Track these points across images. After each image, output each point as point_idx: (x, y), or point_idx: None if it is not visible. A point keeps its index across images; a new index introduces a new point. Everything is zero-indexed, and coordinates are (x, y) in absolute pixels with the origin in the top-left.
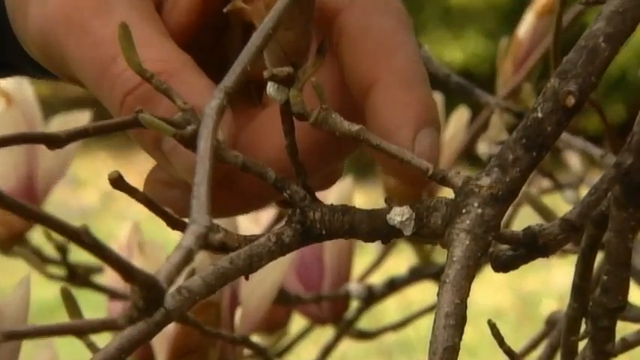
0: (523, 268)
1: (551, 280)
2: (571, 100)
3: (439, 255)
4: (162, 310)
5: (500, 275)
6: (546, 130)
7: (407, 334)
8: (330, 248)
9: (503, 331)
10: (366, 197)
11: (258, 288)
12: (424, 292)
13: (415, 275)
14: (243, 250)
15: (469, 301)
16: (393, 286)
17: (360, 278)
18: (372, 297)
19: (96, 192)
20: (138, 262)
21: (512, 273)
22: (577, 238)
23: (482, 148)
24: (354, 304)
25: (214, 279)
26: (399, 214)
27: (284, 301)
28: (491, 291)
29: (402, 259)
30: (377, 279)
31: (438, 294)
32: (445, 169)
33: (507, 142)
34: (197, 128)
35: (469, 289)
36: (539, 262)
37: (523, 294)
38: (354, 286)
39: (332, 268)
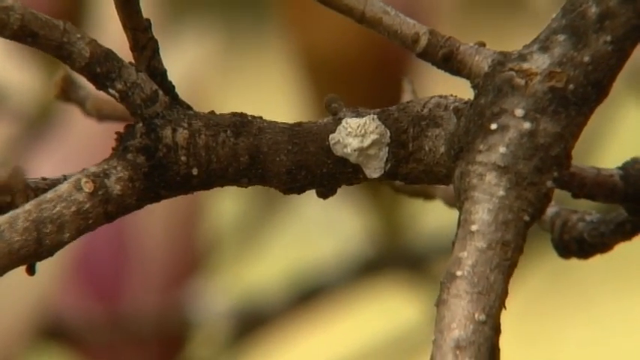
0: None
1: None
2: None
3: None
4: None
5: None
6: None
7: None
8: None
9: None
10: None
11: None
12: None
13: (378, 264)
14: (23, 212)
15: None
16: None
17: None
18: (248, 323)
19: None
20: None
21: None
22: None
23: None
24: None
25: None
26: (356, 134)
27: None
28: None
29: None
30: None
31: (437, 302)
32: (452, 37)
33: None
34: None
35: (506, 292)
36: None
37: None
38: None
39: (161, 262)
